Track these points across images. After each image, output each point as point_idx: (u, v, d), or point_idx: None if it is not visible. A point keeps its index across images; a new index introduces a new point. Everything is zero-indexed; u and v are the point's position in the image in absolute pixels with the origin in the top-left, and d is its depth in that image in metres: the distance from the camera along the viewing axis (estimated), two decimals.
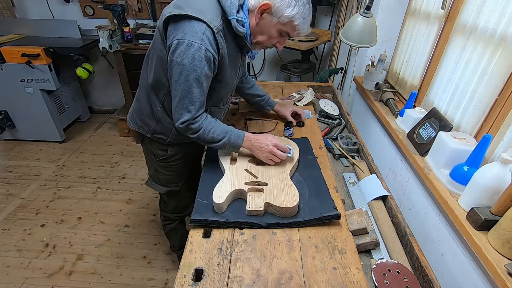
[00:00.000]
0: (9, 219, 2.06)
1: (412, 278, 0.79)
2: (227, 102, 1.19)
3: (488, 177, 0.82)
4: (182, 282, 0.75)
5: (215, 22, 0.89)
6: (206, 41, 0.87)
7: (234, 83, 1.14)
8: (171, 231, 1.54)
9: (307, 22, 0.97)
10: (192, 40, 0.86)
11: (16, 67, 2.46)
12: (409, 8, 1.59)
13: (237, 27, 0.92)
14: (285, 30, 0.97)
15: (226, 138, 1.02)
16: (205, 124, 1.00)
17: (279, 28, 0.96)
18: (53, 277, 1.70)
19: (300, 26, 0.96)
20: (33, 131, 2.82)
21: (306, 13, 0.94)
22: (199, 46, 0.86)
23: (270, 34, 0.98)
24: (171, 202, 1.40)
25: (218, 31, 0.90)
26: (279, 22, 0.94)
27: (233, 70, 1.08)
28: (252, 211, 0.91)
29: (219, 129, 1.02)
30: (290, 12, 0.91)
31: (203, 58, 0.88)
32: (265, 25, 0.96)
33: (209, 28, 0.87)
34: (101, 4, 2.72)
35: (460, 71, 1.14)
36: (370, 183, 1.13)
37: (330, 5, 2.55)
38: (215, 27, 0.88)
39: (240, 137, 1.04)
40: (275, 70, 3.07)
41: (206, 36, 0.87)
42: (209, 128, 1.00)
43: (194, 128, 0.98)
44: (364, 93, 1.76)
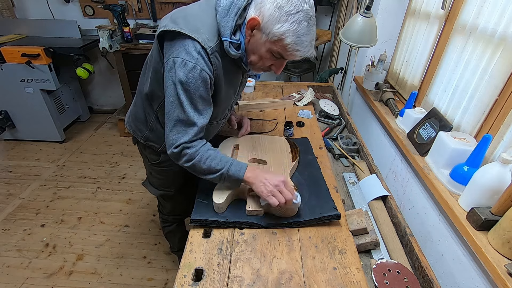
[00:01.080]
0: (9, 219, 2.06)
1: (412, 278, 0.79)
2: (224, 117, 1.13)
3: (488, 177, 0.82)
4: (182, 282, 0.75)
5: (210, 43, 0.83)
6: (201, 61, 0.82)
7: (232, 100, 1.08)
8: (170, 233, 1.54)
9: (304, 42, 0.81)
10: (187, 59, 0.81)
11: (16, 67, 2.46)
12: (409, 8, 1.59)
13: (229, 49, 0.84)
14: (276, 49, 0.83)
15: (225, 168, 0.89)
16: (202, 151, 0.89)
17: (268, 47, 0.83)
18: (53, 277, 1.70)
19: (292, 46, 0.80)
20: (33, 131, 2.81)
21: (302, 32, 0.79)
22: (194, 65, 0.81)
23: (260, 54, 0.86)
24: (167, 205, 1.39)
25: (213, 52, 0.84)
26: (268, 40, 0.81)
27: (231, 88, 1.01)
28: (252, 211, 0.91)
29: (218, 158, 0.90)
30: (279, 29, 0.78)
31: (197, 78, 0.83)
32: (256, 43, 0.85)
33: (203, 49, 0.82)
34: (101, 4, 2.72)
35: (460, 71, 1.14)
36: (370, 183, 1.13)
37: (330, 5, 2.55)
38: (210, 48, 0.82)
39: (242, 167, 0.90)
40: None
41: (200, 56, 0.82)
42: (206, 156, 0.89)
43: (189, 154, 0.88)
44: (364, 93, 1.76)
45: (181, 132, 0.87)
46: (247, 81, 1.14)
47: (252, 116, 1.50)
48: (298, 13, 0.77)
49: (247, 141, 1.21)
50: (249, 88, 1.80)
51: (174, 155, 0.89)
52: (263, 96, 1.76)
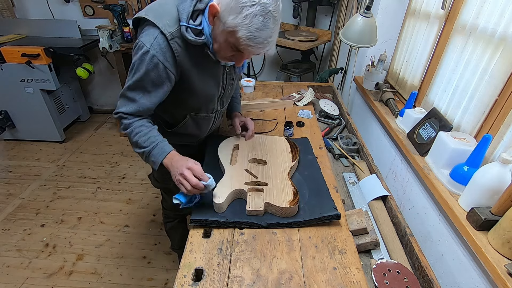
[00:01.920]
0: (9, 219, 2.06)
1: (412, 278, 0.79)
2: (213, 111, 1.11)
3: (488, 177, 0.82)
4: (182, 282, 0.75)
5: (170, 28, 0.83)
6: (156, 47, 0.83)
7: (217, 92, 1.05)
8: (171, 230, 1.54)
9: (258, 39, 0.76)
10: (144, 42, 0.84)
11: (16, 67, 2.46)
12: (409, 8, 1.59)
13: (186, 35, 0.83)
14: (231, 41, 0.80)
15: (148, 148, 0.91)
16: (136, 125, 0.92)
17: (225, 37, 0.80)
18: (53, 277, 1.70)
19: (244, 41, 0.76)
20: (33, 131, 2.81)
21: (255, 27, 0.74)
22: (147, 50, 0.84)
23: (220, 43, 0.84)
24: (169, 199, 1.40)
25: (173, 38, 0.84)
26: (224, 30, 0.78)
27: (211, 79, 0.99)
28: (252, 211, 0.91)
29: (147, 136, 0.92)
30: (233, 20, 0.75)
31: (149, 63, 0.85)
32: (216, 31, 0.82)
33: (162, 34, 0.83)
34: (101, 4, 2.72)
35: (460, 71, 1.14)
36: (370, 183, 1.13)
37: (330, 5, 2.55)
38: (169, 33, 0.83)
39: (164, 152, 0.92)
40: (275, 70, 3.07)
41: (157, 42, 0.83)
42: (137, 131, 0.92)
43: (124, 124, 0.93)
44: (364, 93, 1.76)
45: (124, 102, 0.92)
46: (237, 75, 1.12)
47: (252, 116, 1.50)
48: (253, 6, 0.72)
49: (247, 141, 1.21)
50: (249, 88, 1.80)
51: (115, 118, 0.95)
52: (263, 96, 1.76)
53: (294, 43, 2.35)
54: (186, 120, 1.08)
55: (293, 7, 2.69)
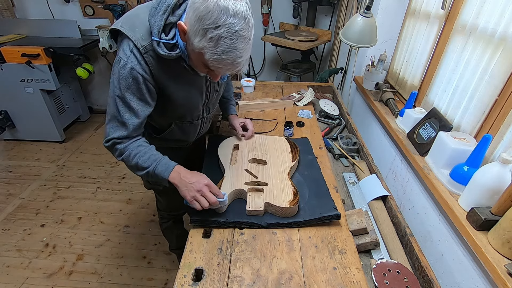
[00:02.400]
0: (9, 219, 2.06)
1: (412, 278, 0.79)
2: (199, 118, 1.09)
3: (488, 177, 0.82)
4: (182, 282, 0.75)
5: (143, 42, 0.82)
6: (133, 59, 0.82)
7: (201, 100, 1.03)
8: (167, 230, 1.54)
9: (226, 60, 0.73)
10: (121, 56, 0.83)
11: (16, 67, 2.46)
12: (409, 8, 1.59)
13: (158, 49, 0.80)
14: (202, 60, 0.77)
15: (151, 167, 0.88)
16: (132, 147, 0.89)
17: (196, 56, 0.78)
18: (53, 277, 1.70)
19: (212, 63, 0.74)
20: (33, 131, 2.81)
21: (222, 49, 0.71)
22: (125, 63, 0.82)
23: (193, 60, 0.83)
24: (162, 200, 1.40)
25: (147, 51, 0.82)
26: (195, 50, 0.76)
27: (193, 89, 0.97)
28: (252, 211, 0.91)
29: (147, 155, 0.89)
30: (198, 43, 0.72)
31: (128, 76, 0.83)
32: (188, 48, 0.80)
33: (135, 47, 0.82)
34: (101, 4, 2.72)
35: (460, 71, 1.14)
36: (370, 183, 1.13)
37: (330, 5, 2.55)
38: (143, 47, 0.81)
39: (168, 167, 0.89)
40: (275, 70, 3.07)
41: (133, 54, 0.82)
42: (135, 152, 0.89)
43: (119, 149, 0.89)
44: (364, 93, 1.76)
45: (114, 127, 0.89)
46: (222, 82, 1.10)
47: (252, 116, 1.50)
48: (217, 28, 0.68)
49: (247, 141, 1.21)
50: (249, 88, 1.80)
51: (107, 148, 0.91)
52: (263, 96, 1.76)
53: (294, 43, 2.35)
54: (171, 127, 1.07)
55: (293, 7, 2.70)
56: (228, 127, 1.36)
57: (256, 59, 3.04)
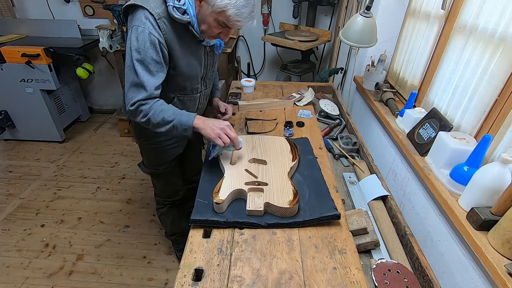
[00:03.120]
0: (9, 219, 2.06)
1: (412, 278, 0.79)
2: (198, 91, 1.19)
3: (488, 177, 0.82)
4: (182, 282, 0.75)
5: (157, 9, 0.93)
6: (148, 25, 0.93)
7: (199, 72, 1.14)
8: (162, 216, 1.58)
9: (244, 14, 0.92)
10: (137, 24, 0.93)
11: (16, 67, 2.46)
12: (409, 8, 1.59)
13: (173, 13, 0.93)
14: (221, 19, 0.94)
15: (176, 118, 1.01)
16: (156, 105, 1.00)
17: (214, 17, 0.94)
18: (53, 277, 1.70)
19: (233, 18, 0.92)
20: (33, 131, 2.81)
21: (241, 4, 0.90)
22: (142, 29, 0.93)
23: (209, 23, 0.97)
24: (158, 185, 1.45)
25: (160, 18, 0.94)
26: (214, 11, 0.92)
27: (194, 59, 1.08)
28: (252, 211, 0.91)
29: (170, 111, 1.02)
30: (221, 2, 0.89)
31: (146, 40, 0.93)
32: (204, 13, 0.96)
33: (150, 14, 0.92)
34: (101, 4, 2.72)
35: (460, 71, 1.14)
36: (370, 183, 1.13)
37: (330, 5, 2.55)
38: (156, 13, 0.93)
39: (191, 116, 1.03)
40: (275, 70, 3.07)
41: (148, 20, 0.93)
42: (159, 109, 1.00)
43: (144, 110, 0.99)
44: (364, 93, 1.76)
45: (135, 92, 0.98)
46: (217, 58, 1.22)
47: (252, 116, 1.50)
48: None
49: (247, 141, 1.21)
50: (249, 88, 1.80)
51: (131, 112, 1.00)
52: (263, 96, 1.76)
53: (294, 43, 2.35)
54: (174, 101, 1.14)
55: (293, 7, 2.70)
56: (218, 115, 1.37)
57: (256, 59, 3.04)
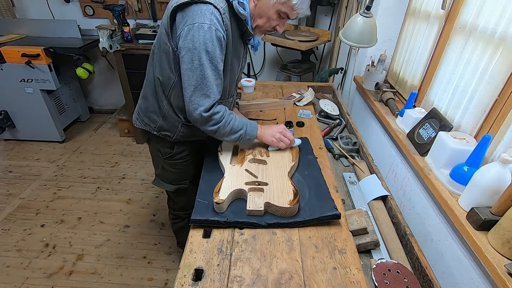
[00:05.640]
0: (9, 219, 2.06)
1: (412, 278, 0.79)
2: (232, 95, 1.19)
3: (488, 177, 0.82)
4: (182, 282, 0.75)
5: (221, 4, 0.90)
6: (215, 21, 0.88)
7: (237, 73, 1.14)
8: (181, 229, 1.54)
9: (306, 2, 0.96)
10: (202, 22, 0.86)
11: (16, 67, 2.45)
12: (409, 8, 1.59)
13: (238, 9, 0.92)
14: (284, 10, 0.95)
15: (243, 129, 1.03)
16: (226, 114, 1.00)
17: (277, 8, 0.95)
18: (53, 277, 1.70)
19: (298, 6, 0.94)
20: (33, 131, 2.81)
21: None
22: (209, 26, 0.86)
23: (269, 16, 0.97)
24: (180, 200, 1.40)
25: (225, 12, 0.91)
26: (278, 2, 0.93)
27: (236, 59, 1.08)
28: (252, 211, 0.91)
29: (238, 120, 1.03)
30: None
31: (214, 38, 0.88)
32: (263, 6, 0.96)
33: (216, 9, 0.88)
34: (101, 4, 2.72)
35: (460, 71, 1.14)
36: (370, 183, 1.13)
37: (330, 5, 2.55)
38: (222, 8, 0.90)
39: (255, 127, 1.07)
40: (275, 70, 3.06)
41: (214, 16, 0.88)
42: (229, 119, 1.00)
43: (216, 119, 0.97)
44: (364, 93, 1.76)
45: (203, 95, 0.93)
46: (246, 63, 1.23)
47: (252, 116, 1.50)
48: None
49: None
50: (249, 88, 1.80)
51: (202, 119, 0.95)
52: (263, 96, 1.76)
53: (294, 43, 2.35)
54: None
55: None
56: None
57: (256, 59, 3.04)
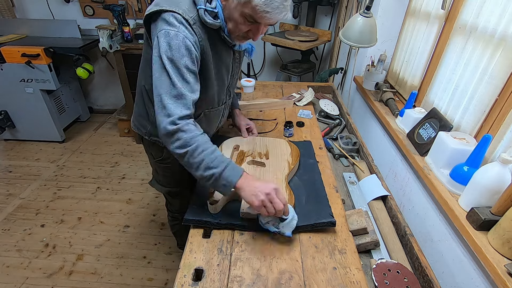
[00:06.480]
0: (9, 219, 2.06)
1: (412, 278, 0.79)
2: (223, 103, 1.11)
3: (488, 177, 0.82)
4: (182, 282, 0.75)
5: (190, 13, 0.83)
6: (182, 29, 0.81)
7: (228, 81, 1.06)
8: (179, 231, 1.54)
9: (274, 3, 0.76)
10: (169, 29, 0.81)
11: (16, 67, 2.45)
12: (409, 8, 1.59)
13: (205, 18, 0.84)
14: (247, 12, 0.80)
15: (219, 169, 0.79)
16: (200, 141, 0.81)
17: (240, 10, 0.81)
18: (53, 277, 1.70)
19: (261, 7, 0.76)
20: (33, 131, 2.81)
21: None
22: (176, 33, 0.80)
23: (235, 19, 0.84)
24: (175, 203, 1.40)
25: (195, 22, 0.84)
26: (239, 3, 0.80)
27: (223, 67, 0.99)
28: (246, 213, 0.90)
29: (215, 155, 0.81)
30: None
31: (181, 45, 0.80)
32: (229, 8, 0.83)
33: (184, 19, 0.82)
34: (101, 4, 2.72)
35: (460, 71, 1.14)
36: (370, 183, 1.13)
37: (330, 5, 2.55)
38: (191, 18, 0.83)
39: (237, 174, 0.81)
40: (275, 70, 3.06)
41: (182, 24, 0.82)
42: (203, 148, 0.80)
43: (184, 139, 0.79)
44: (364, 93, 1.76)
45: (171, 107, 0.80)
46: (240, 63, 1.11)
47: (252, 116, 1.50)
48: None
49: (248, 142, 1.21)
50: (249, 88, 1.80)
51: (167, 134, 0.80)
52: (263, 96, 1.76)
53: (294, 43, 2.35)
54: (199, 118, 1.06)
55: (293, 7, 2.69)
56: (229, 127, 1.35)
57: (256, 59, 3.04)
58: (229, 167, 0.81)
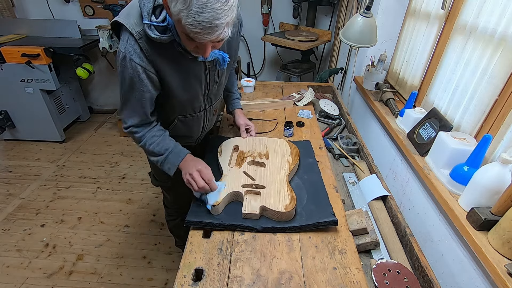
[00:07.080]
0: (9, 219, 2.06)
1: (412, 278, 0.79)
2: (201, 109, 1.09)
3: (488, 177, 0.82)
4: (182, 282, 0.75)
5: (137, 27, 0.80)
6: (129, 49, 0.81)
7: (200, 90, 1.01)
8: (175, 228, 1.54)
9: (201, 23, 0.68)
10: (120, 48, 0.83)
11: (16, 67, 2.46)
12: (409, 8, 1.59)
13: (149, 33, 0.79)
14: (183, 31, 0.73)
15: (164, 156, 0.98)
16: (148, 136, 0.97)
17: (178, 28, 0.75)
18: (53, 277, 1.70)
19: (189, 28, 0.69)
20: (33, 131, 2.81)
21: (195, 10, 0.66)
22: (124, 55, 0.82)
23: (180, 35, 0.78)
24: (169, 196, 1.41)
25: (141, 37, 0.81)
26: (174, 21, 0.73)
27: (191, 77, 0.95)
28: (248, 214, 0.90)
29: (161, 145, 0.98)
30: (174, 8, 0.68)
31: (128, 68, 0.83)
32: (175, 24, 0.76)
33: (131, 34, 0.80)
34: (101, 4, 2.72)
35: (460, 71, 1.14)
36: (370, 183, 1.13)
37: (330, 5, 2.55)
38: (137, 33, 0.80)
39: (179, 157, 0.99)
40: (275, 70, 3.07)
41: (129, 44, 0.81)
42: (150, 142, 0.97)
43: (137, 137, 0.97)
44: (364, 93, 1.76)
45: (127, 117, 0.95)
46: (223, 72, 1.05)
47: (252, 116, 1.50)
48: None
49: (247, 142, 1.21)
50: (249, 88, 1.80)
51: (127, 133, 0.98)
52: (263, 96, 1.76)
53: (294, 43, 2.35)
54: (175, 123, 1.08)
55: (293, 7, 2.70)
56: (229, 127, 1.35)
57: (256, 59, 3.04)
58: (173, 154, 0.98)
